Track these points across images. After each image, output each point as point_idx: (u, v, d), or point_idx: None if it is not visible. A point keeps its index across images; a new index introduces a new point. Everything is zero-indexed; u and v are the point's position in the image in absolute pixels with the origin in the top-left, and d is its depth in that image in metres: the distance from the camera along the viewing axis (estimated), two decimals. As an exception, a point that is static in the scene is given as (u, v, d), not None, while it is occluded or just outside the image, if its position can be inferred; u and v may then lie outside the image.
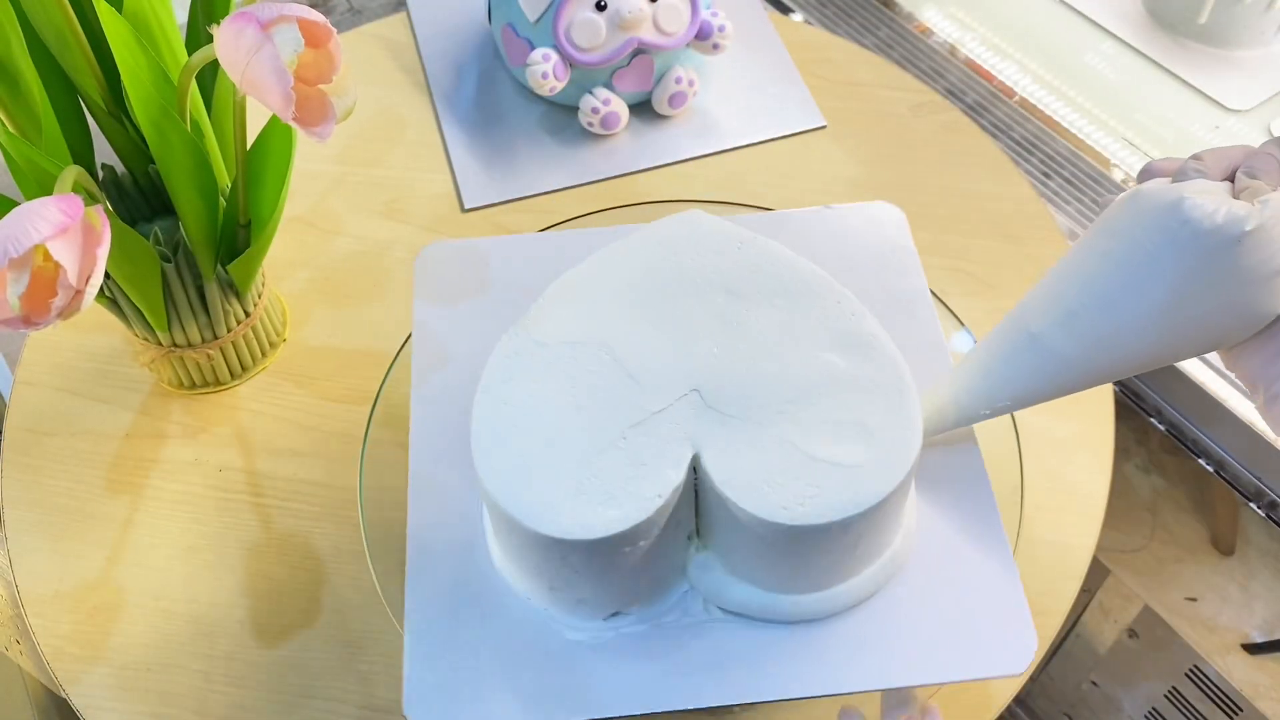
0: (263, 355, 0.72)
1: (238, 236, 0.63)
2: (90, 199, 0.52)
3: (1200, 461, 0.77)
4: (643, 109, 0.86)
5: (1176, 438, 0.77)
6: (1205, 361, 0.75)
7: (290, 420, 0.70)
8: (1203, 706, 0.89)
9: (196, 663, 0.60)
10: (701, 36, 0.82)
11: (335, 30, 0.51)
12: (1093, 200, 0.84)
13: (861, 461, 0.48)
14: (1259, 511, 0.75)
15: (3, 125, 0.55)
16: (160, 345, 0.67)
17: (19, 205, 0.47)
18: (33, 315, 0.48)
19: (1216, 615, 0.84)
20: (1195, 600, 0.85)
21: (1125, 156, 0.87)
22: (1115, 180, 0.86)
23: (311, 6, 0.54)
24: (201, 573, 0.64)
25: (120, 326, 0.68)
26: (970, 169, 0.83)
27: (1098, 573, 0.90)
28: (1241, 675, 0.85)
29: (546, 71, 0.79)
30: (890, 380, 0.51)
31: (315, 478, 0.67)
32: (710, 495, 0.49)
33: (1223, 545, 0.82)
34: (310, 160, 0.83)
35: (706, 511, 0.51)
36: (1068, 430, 0.68)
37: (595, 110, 0.82)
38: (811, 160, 0.84)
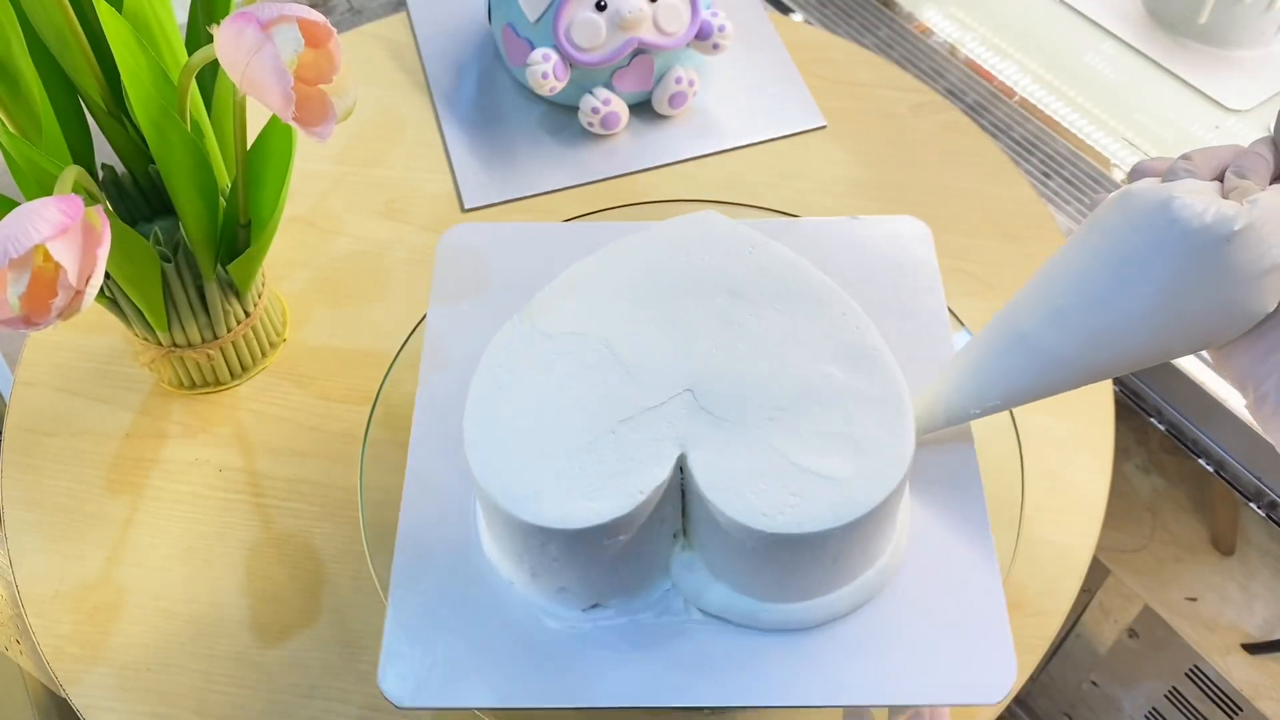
0: (263, 355, 0.72)
1: (238, 236, 0.63)
2: (90, 199, 0.52)
3: (1200, 461, 0.77)
4: (643, 109, 0.86)
5: (1176, 438, 0.77)
6: (1206, 361, 0.75)
7: (290, 420, 0.70)
8: (1203, 706, 0.89)
9: (196, 663, 0.60)
10: (701, 36, 0.82)
11: (335, 30, 0.51)
12: (1093, 200, 0.84)
13: (847, 475, 0.48)
14: (1259, 511, 0.75)
15: (3, 125, 0.55)
16: (160, 345, 0.67)
17: (19, 205, 0.47)
18: (33, 315, 0.48)
19: (1216, 615, 0.84)
20: (1195, 600, 0.85)
21: (1125, 156, 0.87)
22: (1115, 180, 0.86)
23: (311, 6, 0.54)
24: (201, 573, 0.64)
25: (120, 326, 0.68)
26: (970, 169, 0.83)
27: (1098, 573, 0.90)
28: (1241, 675, 0.85)
29: (546, 71, 0.79)
30: (887, 396, 0.50)
31: (315, 478, 0.67)
32: (695, 496, 0.49)
33: (1223, 545, 0.82)
34: (310, 160, 0.83)
35: (692, 512, 0.51)
36: (1068, 430, 0.68)
37: (595, 110, 0.82)
38: (811, 160, 0.84)
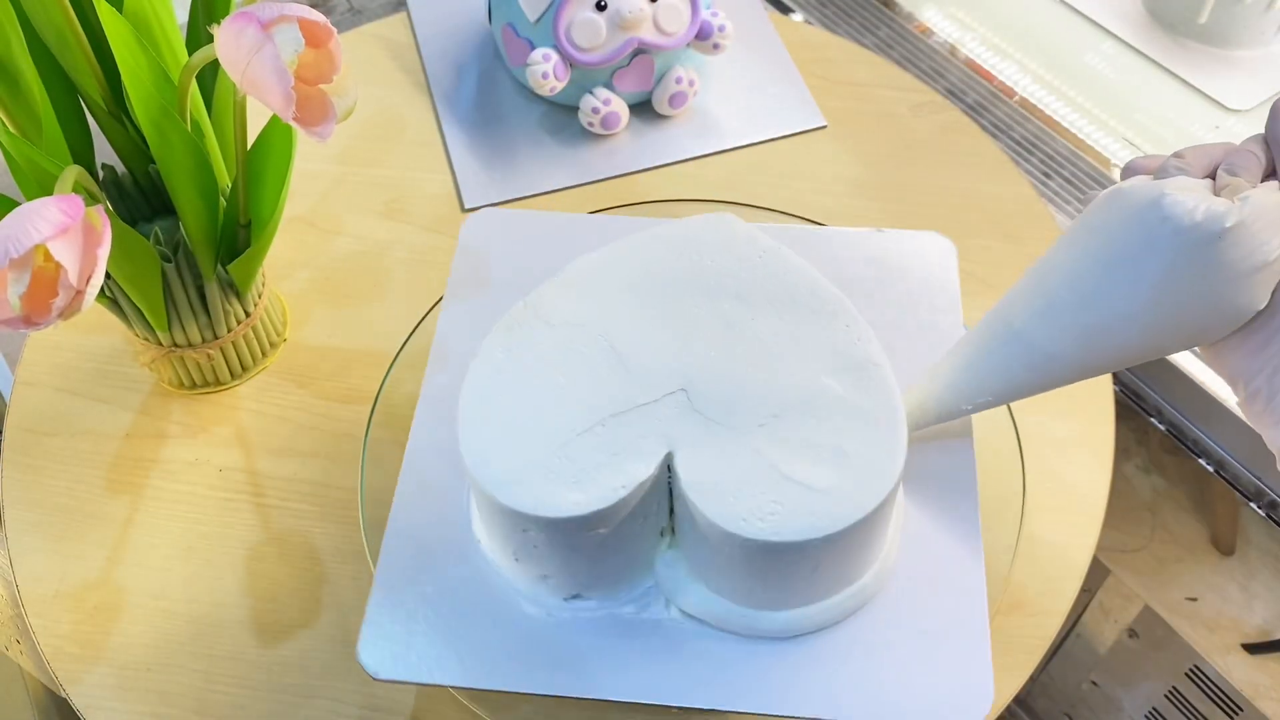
0: (263, 355, 0.72)
1: (238, 236, 0.63)
2: (91, 199, 0.52)
3: (1200, 461, 0.77)
4: (643, 109, 0.86)
5: (1176, 438, 0.77)
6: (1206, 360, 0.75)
7: (290, 420, 0.70)
8: (1203, 706, 0.89)
9: (196, 663, 0.60)
10: (701, 36, 0.82)
11: (335, 30, 0.51)
12: (1089, 198, 0.84)
13: (832, 487, 0.48)
14: (1259, 511, 0.75)
15: (3, 125, 0.55)
16: (160, 345, 0.67)
17: (19, 205, 0.47)
18: (33, 315, 0.48)
19: (1216, 615, 0.84)
20: (1195, 600, 0.85)
21: (1125, 156, 0.87)
22: (1115, 180, 0.85)
23: (312, 6, 0.54)
24: (201, 573, 0.64)
25: (120, 326, 0.68)
26: (970, 169, 0.83)
27: (1098, 573, 0.90)
28: (1241, 675, 0.85)
29: (547, 71, 0.79)
30: (882, 413, 0.50)
31: (315, 478, 0.67)
32: (679, 496, 0.49)
33: (1223, 545, 0.82)
34: (310, 160, 0.83)
35: (678, 511, 0.51)
36: (1068, 430, 0.68)
37: (595, 110, 0.82)
38: (811, 160, 0.84)
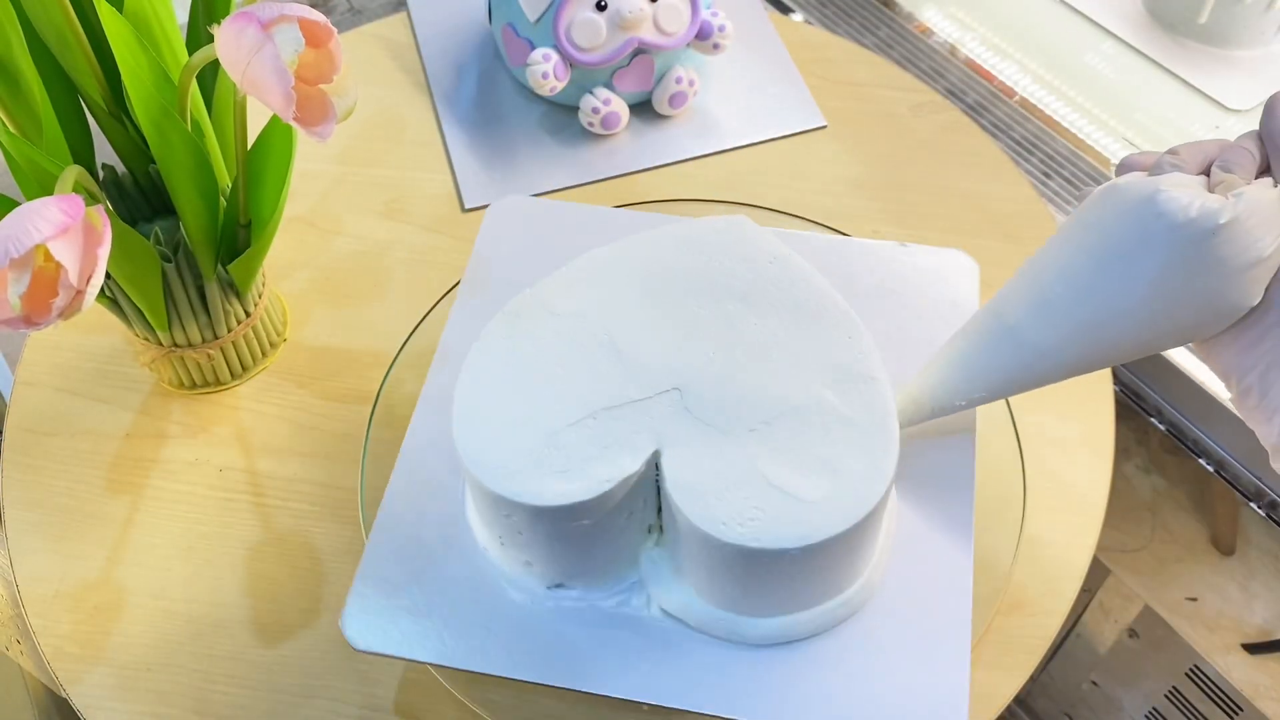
0: (263, 355, 0.72)
1: (238, 236, 0.63)
2: (91, 199, 0.52)
3: (1200, 461, 0.77)
4: (643, 109, 0.86)
5: (1176, 438, 0.77)
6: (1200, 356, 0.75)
7: (290, 420, 0.70)
8: (1203, 706, 0.89)
9: (196, 663, 0.60)
10: (702, 36, 0.82)
11: (335, 30, 0.51)
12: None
13: (817, 498, 0.47)
14: (1259, 511, 0.75)
15: (3, 125, 0.55)
16: (160, 345, 0.67)
17: (20, 205, 0.47)
18: (33, 315, 0.48)
19: (1216, 615, 0.84)
20: (1195, 600, 0.85)
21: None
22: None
23: (312, 6, 0.54)
24: (201, 573, 0.64)
25: (120, 326, 0.68)
26: (970, 169, 0.83)
27: (1098, 573, 0.90)
28: (1241, 675, 0.85)
29: (547, 71, 0.79)
30: (875, 427, 0.50)
31: (315, 478, 0.67)
32: (665, 494, 0.50)
33: (1223, 545, 0.82)
34: (310, 160, 0.83)
35: (665, 510, 0.51)
36: (1068, 430, 0.68)
37: (595, 110, 0.82)
38: (811, 160, 0.84)
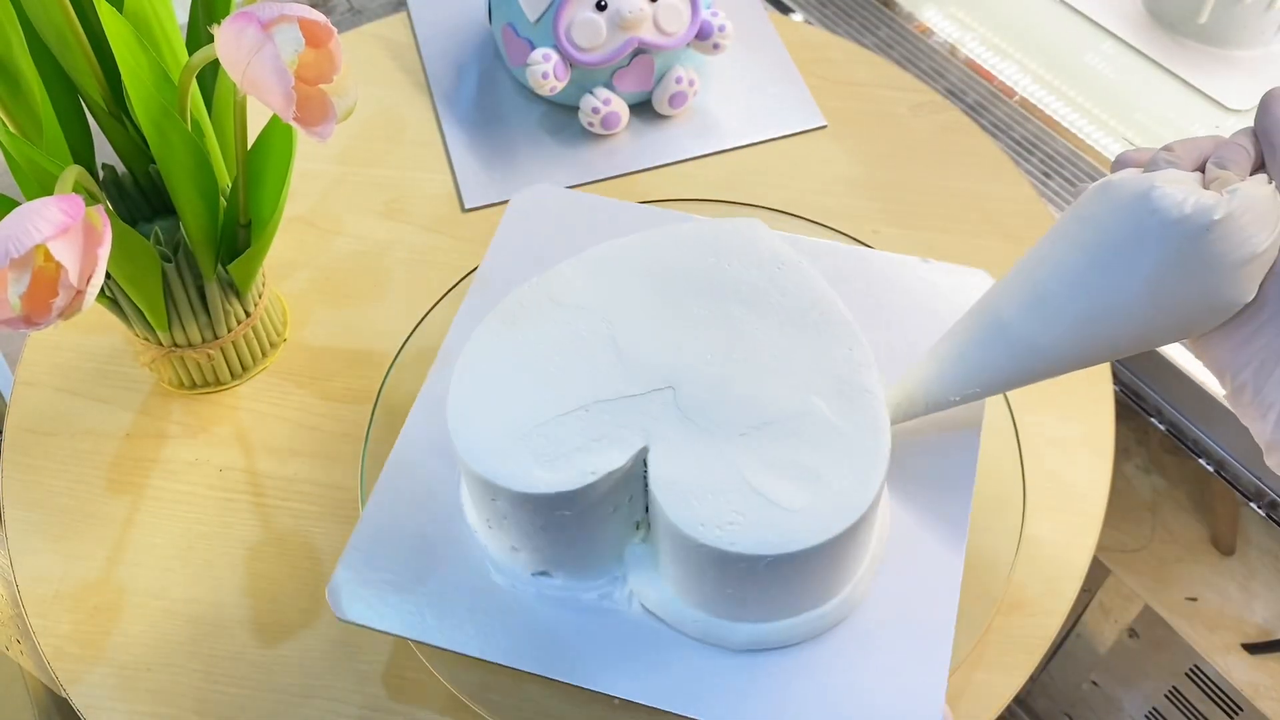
0: (263, 355, 0.72)
1: (238, 236, 0.63)
2: (91, 199, 0.52)
3: (1200, 461, 0.77)
4: (643, 109, 0.86)
5: (1176, 438, 0.77)
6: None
7: (290, 420, 0.70)
8: (1203, 706, 0.89)
9: (196, 663, 0.60)
10: (702, 36, 0.82)
11: (335, 30, 0.51)
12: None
13: (798, 507, 0.47)
14: (1259, 511, 0.75)
15: (3, 125, 0.55)
16: (161, 345, 0.67)
17: (20, 205, 0.47)
18: (34, 315, 0.48)
19: (1216, 615, 0.84)
20: (1195, 600, 0.85)
21: (1125, 156, 0.87)
22: (1115, 180, 0.86)
23: (312, 6, 0.54)
24: (201, 573, 0.64)
25: (120, 326, 0.68)
26: (970, 169, 0.83)
27: (1098, 573, 0.90)
28: (1241, 675, 0.85)
29: (547, 71, 0.79)
30: (864, 441, 0.49)
31: (315, 478, 0.67)
32: (649, 491, 0.50)
33: (1223, 545, 0.82)
34: (310, 160, 0.83)
35: (651, 507, 0.51)
36: (1068, 430, 0.68)
37: (595, 110, 0.82)
38: (811, 160, 0.84)
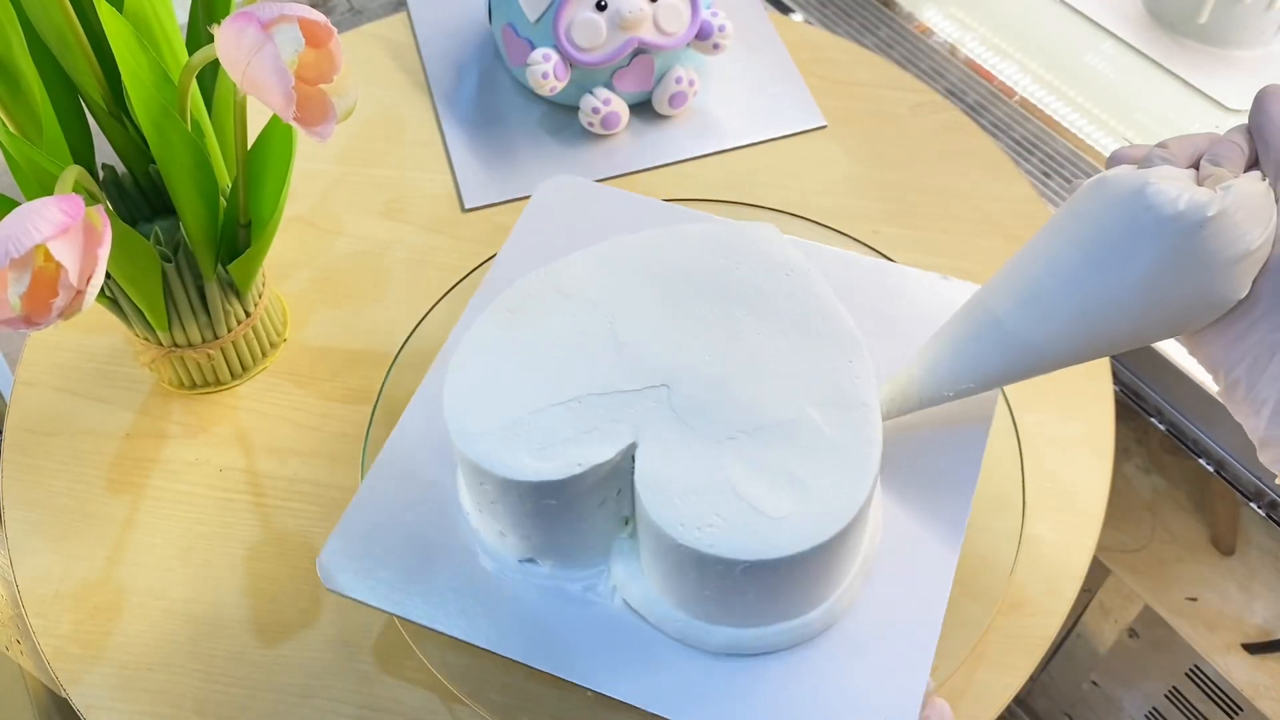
0: (263, 355, 0.72)
1: (238, 236, 0.63)
2: (91, 199, 0.52)
3: (1200, 461, 0.77)
4: (643, 109, 0.86)
5: (1176, 438, 0.77)
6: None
7: (290, 420, 0.70)
8: (1203, 706, 0.89)
9: (196, 663, 0.60)
10: (702, 36, 0.82)
11: (335, 30, 0.51)
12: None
13: (780, 515, 0.47)
14: (1259, 511, 0.75)
15: (3, 125, 0.55)
16: (161, 345, 0.67)
17: (20, 205, 0.47)
18: (34, 315, 0.48)
19: (1216, 615, 0.84)
20: (1195, 600, 0.85)
21: (1125, 156, 0.87)
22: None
23: (312, 6, 0.54)
24: (201, 573, 0.64)
25: (120, 326, 0.68)
26: (970, 169, 0.83)
27: (1098, 573, 0.90)
28: (1241, 675, 0.85)
29: (547, 71, 0.79)
30: (854, 455, 0.49)
31: (315, 478, 0.67)
32: (634, 487, 0.50)
33: (1223, 545, 0.82)
34: (310, 160, 0.83)
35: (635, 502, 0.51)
36: (1068, 430, 0.68)
37: (595, 110, 0.82)
38: (811, 160, 0.84)
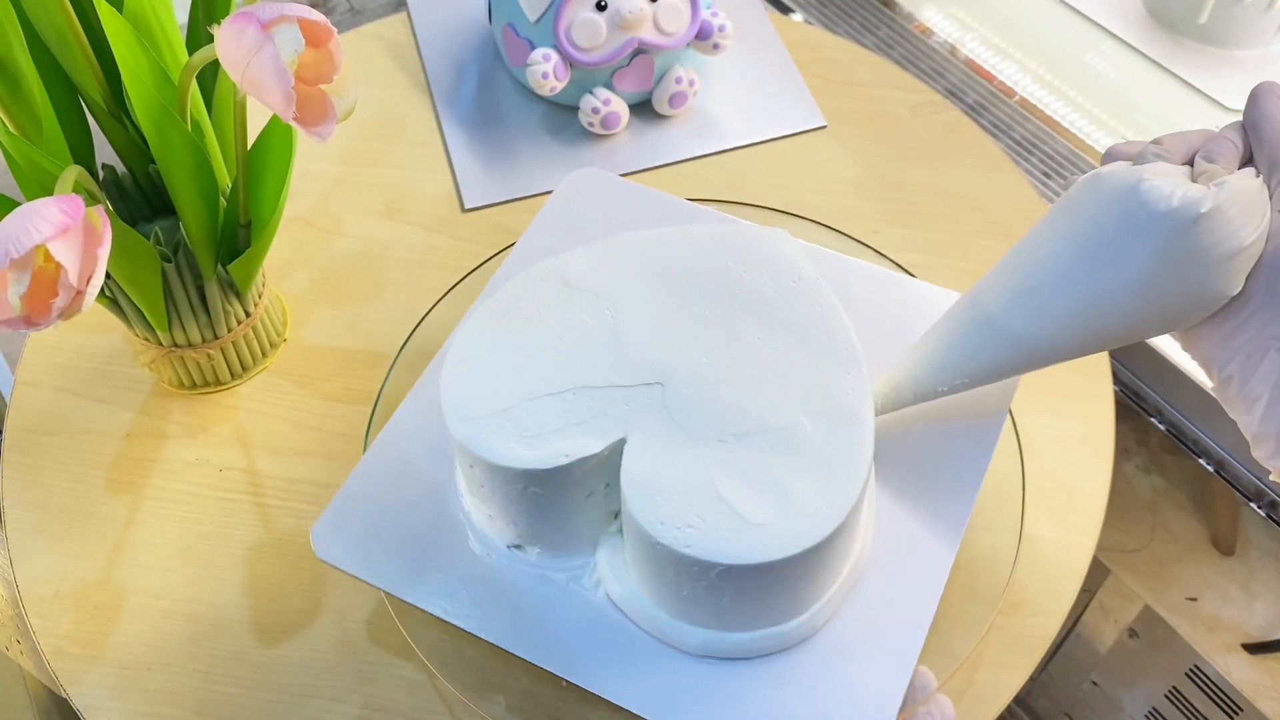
0: (263, 355, 0.72)
1: (238, 236, 0.63)
2: (91, 199, 0.52)
3: (1200, 461, 0.77)
4: (643, 109, 0.86)
5: (1176, 438, 0.77)
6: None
7: (290, 420, 0.70)
8: (1203, 706, 0.89)
9: (196, 663, 0.60)
10: (702, 36, 0.82)
11: (335, 30, 0.51)
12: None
13: (760, 521, 0.47)
14: (1259, 511, 0.75)
15: (3, 125, 0.55)
16: (161, 345, 0.67)
17: (20, 205, 0.47)
18: (34, 315, 0.48)
19: (1216, 615, 0.84)
20: (1195, 600, 0.85)
21: (1125, 156, 0.87)
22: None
23: (312, 6, 0.54)
24: (201, 573, 0.64)
25: (120, 326, 0.68)
26: (970, 169, 0.83)
27: (1098, 573, 0.90)
28: (1241, 675, 0.85)
29: (547, 71, 0.79)
30: (843, 466, 0.49)
31: (315, 478, 0.67)
32: (620, 482, 0.50)
33: (1223, 545, 0.82)
34: (310, 160, 0.83)
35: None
36: (1068, 430, 0.68)
37: (595, 110, 0.82)
38: (811, 160, 0.84)
